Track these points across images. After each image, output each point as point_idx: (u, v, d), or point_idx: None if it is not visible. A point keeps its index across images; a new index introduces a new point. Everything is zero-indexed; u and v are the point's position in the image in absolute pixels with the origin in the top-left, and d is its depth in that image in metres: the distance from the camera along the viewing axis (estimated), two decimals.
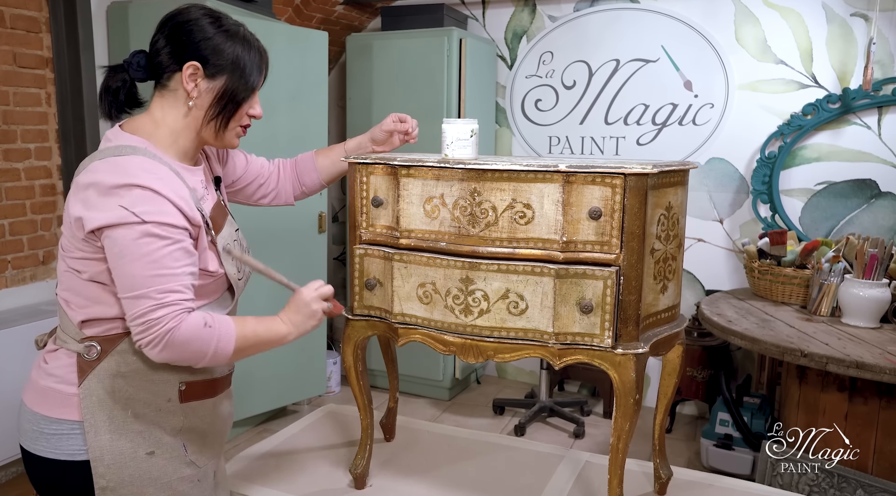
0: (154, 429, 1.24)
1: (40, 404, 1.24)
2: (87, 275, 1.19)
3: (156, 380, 1.24)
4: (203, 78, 1.22)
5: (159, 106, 1.26)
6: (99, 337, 1.21)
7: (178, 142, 1.27)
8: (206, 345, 1.17)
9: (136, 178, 1.13)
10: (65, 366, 1.22)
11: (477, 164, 1.35)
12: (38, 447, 1.23)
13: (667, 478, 1.59)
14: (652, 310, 1.39)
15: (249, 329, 1.24)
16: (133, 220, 1.11)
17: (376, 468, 1.68)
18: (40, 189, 2.86)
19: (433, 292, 1.43)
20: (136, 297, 1.13)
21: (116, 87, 1.27)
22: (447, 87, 3.54)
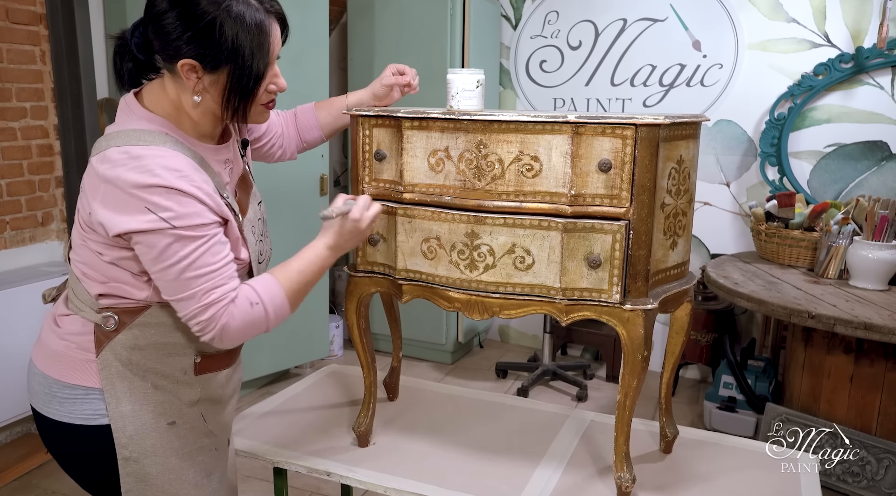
0: (173, 399, 1.22)
1: (52, 367, 1.21)
2: (108, 258, 1.14)
3: (172, 353, 1.21)
4: (204, 72, 1.12)
5: (172, 86, 1.16)
6: (117, 308, 1.17)
7: (198, 127, 1.20)
8: (261, 321, 1.17)
9: (158, 177, 1.06)
10: (80, 334, 1.19)
11: (483, 115, 1.31)
12: (50, 410, 1.21)
13: (673, 437, 1.58)
14: (661, 267, 1.36)
15: (296, 280, 1.22)
16: (163, 227, 1.06)
17: (379, 427, 1.67)
18: (37, 149, 2.82)
19: (437, 247, 1.40)
20: (182, 300, 1.11)
21: (125, 59, 1.17)
22: (450, 48, 3.47)
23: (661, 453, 1.59)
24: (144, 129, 1.12)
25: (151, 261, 1.09)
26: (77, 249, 1.18)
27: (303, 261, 1.25)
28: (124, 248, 1.12)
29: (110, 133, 1.12)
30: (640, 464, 1.53)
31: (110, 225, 1.07)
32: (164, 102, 1.16)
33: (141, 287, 1.16)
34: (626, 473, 1.37)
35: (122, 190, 1.06)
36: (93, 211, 1.09)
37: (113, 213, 1.07)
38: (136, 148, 1.08)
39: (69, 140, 2.86)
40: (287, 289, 1.20)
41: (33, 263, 2.85)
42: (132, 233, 1.07)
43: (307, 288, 1.25)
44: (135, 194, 1.05)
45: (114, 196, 1.07)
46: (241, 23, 1.11)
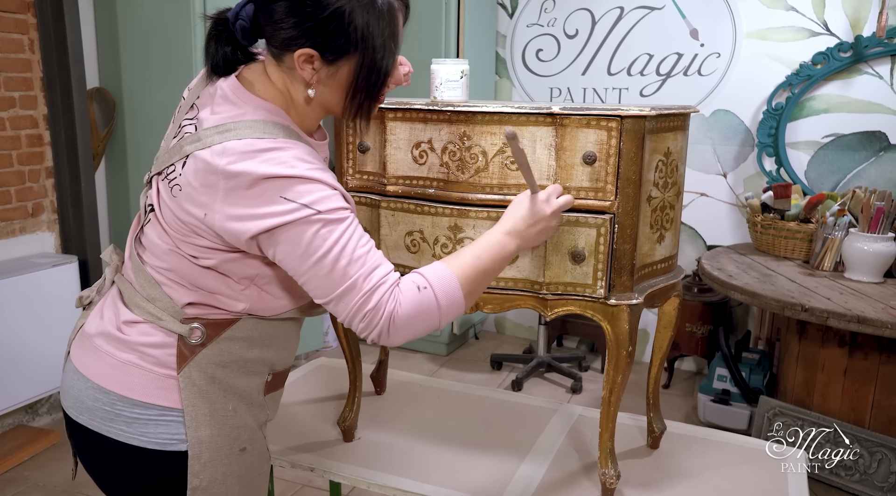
0: (248, 423, 1.11)
1: (117, 382, 1.06)
2: (206, 264, 1.02)
3: (251, 371, 1.11)
4: (322, 64, 1.00)
5: (279, 75, 1.04)
6: (206, 319, 1.05)
7: (304, 121, 1.09)
8: (432, 310, 1.01)
9: (294, 168, 0.96)
10: (159, 347, 1.05)
11: (467, 106, 1.28)
12: (114, 430, 1.06)
13: (660, 432, 1.57)
14: (648, 261, 1.34)
15: (469, 265, 1.06)
16: (307, 214, 0.95)
17: (365, 421, 1.66)
18: (26, 139, 2.79)
19: (421, 241, 1.38)
20: (343, 295, 0.98)
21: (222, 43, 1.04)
22: (445, 37, 3.43)
23: (648, 448, 1.58)
24: (267, 120, 1.01)
25: (299, 259, 0.97)
26: (160, 255, 1.05)
27: (478, 246, 1.10)
28: (233, 250, 1.01)
29: (221, 124, 0.99)
30: (627, 459, 1.52)
31: (243, 226, 0.96)
32: (273, 91, 1.05)
33: (238, 297, 1.06)
34: (611, 469, 1.35)
35: (251, 184, 0.94)
36: (210, 211, 0.97)
37: (246, 209, 0.95)
38: (263, 141, 0.97)
39: (59, 130, 2.84)
40: (460, 275, 1.04)
41: (23, 254, 2.83)
42: (274, 229, 0.95)
43: (484, 278, 1.08)
44: (266, 187, 0.95)
45: (242, 192, 0.95)
46: (372, 9, 0.98)
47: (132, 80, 3.00)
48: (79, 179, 2.86)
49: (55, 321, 2.72)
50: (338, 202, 0.99)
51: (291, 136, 1.01)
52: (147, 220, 1.08)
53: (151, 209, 1.07)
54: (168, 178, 1.02)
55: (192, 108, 1.07)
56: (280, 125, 1.01)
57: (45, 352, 2.68)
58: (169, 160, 1.03)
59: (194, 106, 1.07)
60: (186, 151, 1.00)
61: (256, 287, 1.06)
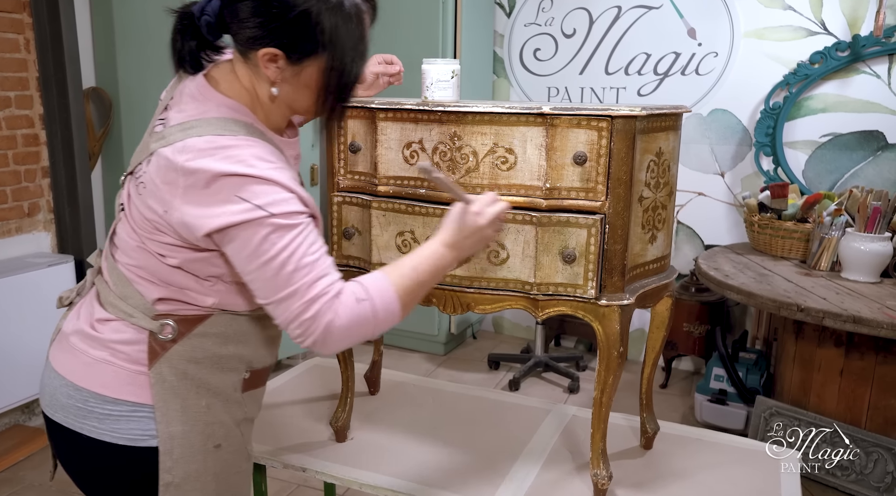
0: (223, 419, 1.11)
1: (90, 379, 1.07)
2: (173, 262, 1.03)
3: (226, 368, 1.11)
4: (287, 63, 1.00)
5: (245, 72, 1.04)
6: (176, 315, 1.06)
7: (270, 119, 1.09)
8: (368, 320, 1.02)
9: (252, 167, 0.96)
10: (130, 343, 1.06)
11: (457, 106, 1.28)
12: (85, 426, 1.07)
13: (653, 433, 1.56)
14: (639, 261, 1.34)
15: (408, 277, 1.07)
16: (260, 215, 0.95)
17: (358, 421, 1.66)
18: (22, 139, 2.79)
19: (412, 241, 1.38)
20: (284, 299, 0.98)
21: (188, 38, 1.04)
22: (442, 36, 3.43)
23: (641, 449, 1.58)
24: (228, 118, 1.01)
25: (247, 259, 0.98)
26: (130, 252, 1.06)
27: (416, 258, 1.10)
28: (197, 249, 1.01)
29: (185, 121, 1.00)
30: (620, 459, 1.51)
31: (198, 223, 0.96)
32: (239, 88, 1.05)
33: (207, 292, 1.06)
34: (603, 470, 1.35)
35: (208, 182, 0.95)
36: (170, 208, 0.98)
37: (201, 208, 0.96)
38: (223, 138, 0.98)
39: (55, 130, 2.84)
40: (398, 286, 1.05)
41: (19, 254, 2.83)
42: (227, 228, 0.96)
43: (421, 289, 1.10)
44: (223, 185, 0.95)
45: (197, 189, 0.96)
46: (340, 12, 0.98)
47: (129, 79, 3.00)
48: (75, 179, 2.86)
49: (51, 321, 2.69)
50: (293, 206, 0.99)
51: (254, 134, 1.01)
52: (119, 219, 1.10)
53: (122, 208, 1.08)
54: (135, 176, 1.04)
55: (165, 109, 1.08)
56: (242, 123, 1.02)
57: (41, 352, 2.64)
58: (138, 159, 1.05)
59: (167, 107, 1.08)
60: (151, 149, 1.01)
61: (224, 283, 1.06)
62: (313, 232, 1.01)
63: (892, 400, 2.36)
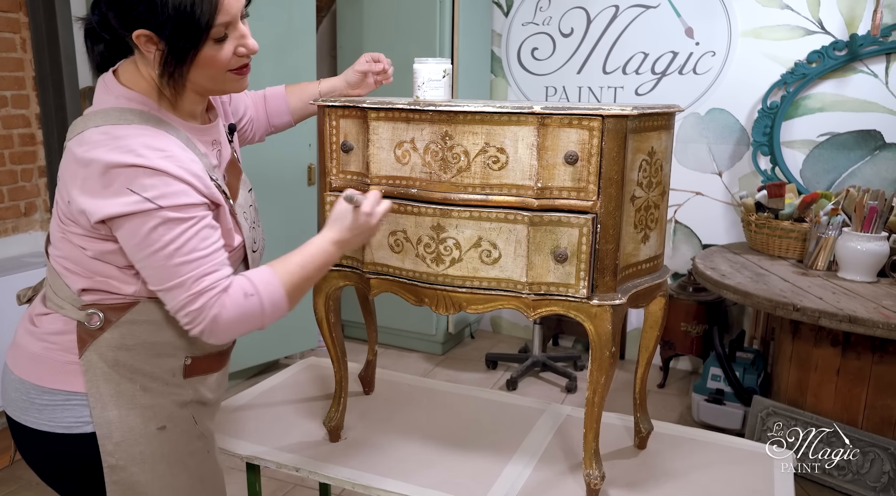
0: (163, 402, 1.13)
1: (30, 372, 1.12)
2: (91, 253, 1.06)
3: (161, 354, 1.13)
4: (162, 40, 1.02)
5: (142, 62, 1.08)
6: (102, 304, 1.09)
7: (178, 105, 1.11)
8: (256, 315, 1.07)
9: (142, 157, 0.98)
10: (61, 333, 1.10)
11: (448, 105, 1.28)
12: (28, 418, 1.11)
13: (647, 433, 1.56)
14: (632, 261, 1.33)
15: (295, 274, 1.12)
16: (148, 207, 0.98)
17: (353, 421, 1.66)
18: (19, 138, 2.79)
19: (404, 240, 1.37)
20: (170, 289, 1.02)
21: (96, 41, 1.10)
22: (439, 35, 3.43)
23: (635, 449, 1.57)
24: (125, 108, 1.05)
25: (136, 248, 1.01)
26: (57, 244, 1.10)
27: (305, 254, 1.15)
28: (108, 239, 1.04)
29: (88, 113, 1.05)
30: (613, 459, 1.51)
31: (91, 211, 0.99)
32: (140, 80, 1.08)
33: (128, 281, 1.08)
34: (595, 470, 1.35)
35: (102, 172, 0.98)
36: (72, 199, 1.02)
37: (93, 197, 0.99)
38: (117, 128, 1.01)
39: (52, 129, 2.84)
40: (286, 282, 1.10)
41: (16, 254, 2.83)
42: (114, 217, 0.99)
43: (308, 284, 1.15)
44: (115, 176, 0.98)
45: (93, 179, 0.99)
46: None
47: None
48: None
49: None
50: (186, 198, 1.01)
51: (148, 122, 1.04)
52: (52, 215, 1.14)
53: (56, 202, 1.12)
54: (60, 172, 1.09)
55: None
56: (137, 111, 1.05)
57: None
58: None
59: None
60: (66, 144, 1.05)
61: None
62: (206, 226, 1.04)
63: (888, 399, 2.35)
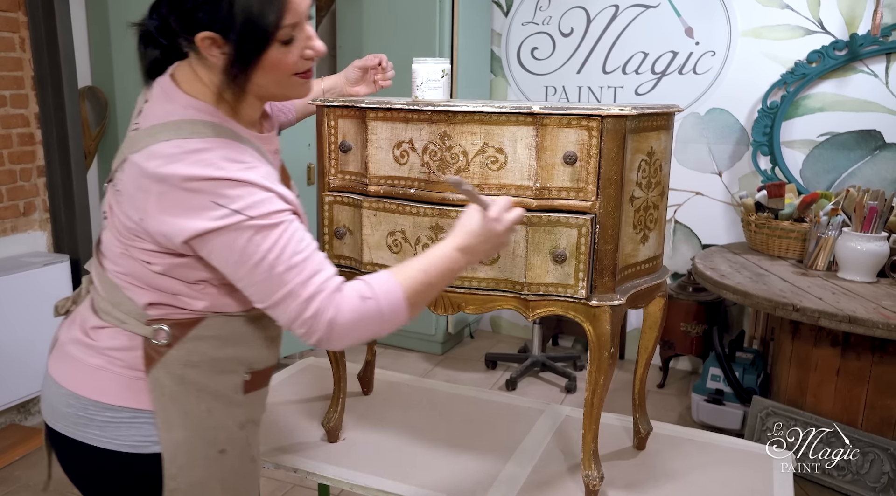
0: (226, 423, 1.09)
1: (88, 386, 1.05)
2: (158, 268, 1.01)
3: (224, 370, 1.09)
4: (226, 43, 0.96)
5: (201, 68, 1.02)
6: (169, 320, 1.04)
7: (240, 112, 1.05)
8: (374, 319, 1.00)
9: (223, 169, 0.94)
10: (125, 349, 1.04)
11: (447, 105, 1.27)
12: (87, 435, 1.05)
13: (646, 433, 1.56)
14: (631, 261, 1.33)
15: (417, 279, 1.04)
16: (238, 220, 0.93)
17: (351, 421, 1.65)
18: (18, 138, 2.79)
19: (402, 240, 1.37)
20: (280, 301, 0.97)
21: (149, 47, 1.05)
22: (439, 35, 3.42)
23: (634, 449, 1.57)
24: (196, 120, 0.99)
25: (234, 265, 0.96)
26: (116, 260, 1.04)
27: (427, 259, 1.06)
28: (177, 254, 0.99)
29: (155, 126, 0.98)
30: (612, 460, 1.51)
31: (174, 231, 0.94)
32: (201, 86, 1.02)
33: (197, 296, 1.04)
34: (594, 471, 1.34)
35: (182, 187, 0.93)
36: (145, 216, 0.96)
37: (175, 216, 0.94)
38: (191, 141, 0.95)
39: (51, 129, 2.83)
40: (406, 287, 1.02)
41: (14, 254, 2.83)
42: (204, 234, 0.94)
43: (430, 291, 1.06)
44: (198, 190, 0.93)
45: (172, 196, 0.93)
46: None
47: (124, 78, 3.00)
48: (70, 178, 2.86)
49: (47, 320, 2.69)
50: (272, 205, 0.96)
51: (222, 134, 0.99)
52: (103, 227, 1.09)
53: (105, 216, 1.07)
54: (114, 184, 1.03)
55: (139, 113, 1.07)
56: (209, 123, 0.99)
57: (37, 351, 2.67)
58: (114, 166, 1.04)
59: (141, 111, 1.06)
60: (124, 155, 1.00)
61: (213, 286, 1.05)
62: (299, 228, 0.99)
63: (888, 400, 2.35)
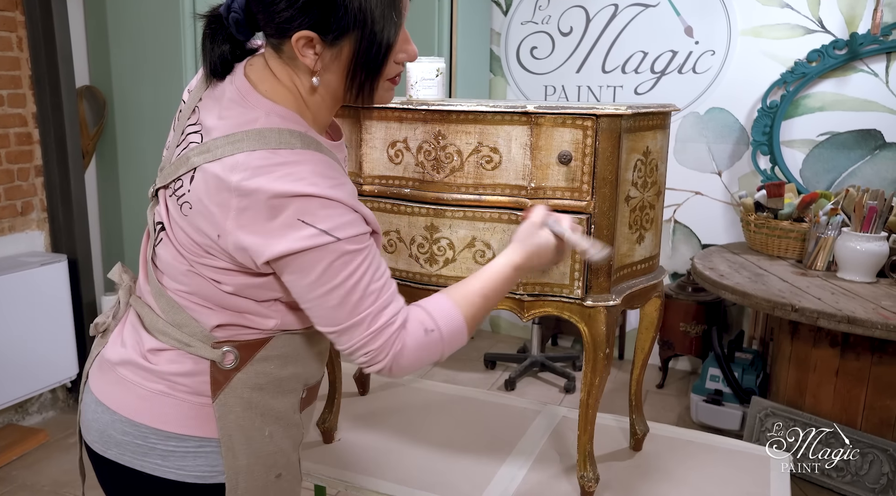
0: (284, 447, 1.04)
1: (147, 414, 0.99)
2: (230, 289, 0.95)
3: (286, 390, 1.04)
4: (324, 46, 0.91)
5: (281, 69, 0.95)
6: (237, 341, 0.98)
7: (319, 118, 0.99)
8: (436, 350, 0.98)
9: (314, 186, 0.87)
10: (190, 374, 0.98)
11: (441, 105, 1.27)
12: (148, 465, 0.99)
13: (642, 434, 1.55)
14: (626, 261, 1.32)
15: (476, 305, 1.02)
16: (326, 241, 0.87)
17: (347, 422, 1.65)
18: (15, 137, 2.78)
19: (397, 240, 1.36)
20: (347, 329, 0.93)
21: (219, 41, 0.97)
22: (438, 34, 3.41)
23: (630, 450, 1.56)
24: (282, 129, 0.91)
25: (308, 287, 0.90)
26: (179, 277, 0.97)
27: (485, 280, 1.04)
28: (254, 274, 0.93)
29: (232, 133, 0.90)
30: (608, 461, 1.50)
31: (257, 249, 0.88)
32: (283, 90, 0.95)
33: (269, 314, 0.98)
34: (590, 472, 1.34)
35: (269, 204, 0.86)
36: (223, 232, 0.89)
37: (258, 234, 0.87)
38: (279, 152, 0.88)
39: (48, 128, 2.83)
40: (466, 314, 0.99)
41: (12, 253, 2.83)
42: (289, 255, 0.88)
43: (486, 312, 1.04)
44: (284, 206, 0.86)
45: (256, 212, 0.87)
46: None
47: (122, 78, 2.99)
48: (68, 178, 2.85)
49: (45, 320, 2.71)
50: (359, 227, 0.91)
51: (310, 146, 0.92)
52: (159, 240, 0.99)
53: (162, 227, 0.98)
54: (176, 193, 0.95)
55: (193, 112, 0.99)
56: (297, 133, 0.92)
57: (35, 351, 2.67)
58: (175, 173, 0.95)
59: (196, 109, 0.98)
60: (194, 164, 0.91)
61: (282, 303, 0.99)
62: (377, 254, 0.95)
63: (887, 400, 2.34)
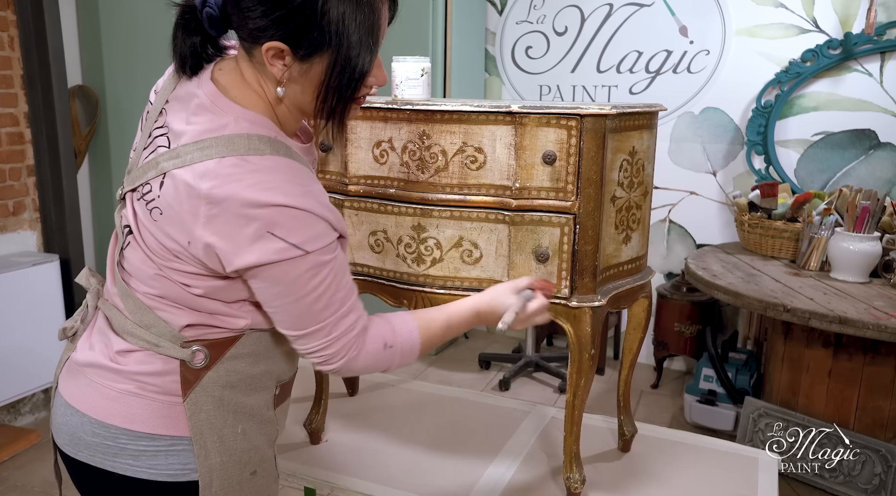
0: (258, 444, 1.04)
1: (117, 414, 0.98)
2: (199, 291, 0.95)
3: (258, 387, 1.03)
4: (294, 60, 0.90)
5: (251, 72, 0.94)
6: (206, 340, 0.98)
7: (286, 124, 0.98)
8: (385, 364, 1.03)
9: (285, 195, 0.87)
10: (160, 374, 0.98)
11: (425, 104, 1.26)
12: (119, 465, 0.98)
13: (630, 435, 1.54)
14: (613, 262, 1.32)
15: (436, 334, 1.07)
16: (295, 255, 0.88)
17: (335, 423, 1.64)
18: (6, 137, 2.78)
19: (384, 240, 1.36)
20: (307, 334, 0.95)
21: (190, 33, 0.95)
22: (432, 34, 3.40)
23: (618, 451, 1.56)
24: (252, 134, 0.90)
25: (275, 295, 0.92)
26: (147, 281, 0.96)
27: (449, 314, 1.09)
28: (222, 278, 0.93)
29: (202, 139, 0.89)
30: (596, 462, 1.50)
31: (228, 258, 0.88)
32: (253, 96, 0.94)
33: (239, 315, 0.98)
34: (576, 474, 1.33)
35: (239, 213, 0.86)
36: (193, 239, 0.89)
37: (230, 242, 0.87)
38: (250, 158, 0.87)
39: (40, 128, 2.82)
40: (424, 341, 1.05)
41: (5, 253, 2.82)
42: (259, 266, 0.88)
43: (441, 342, 1.09)
44: (255, 217, 0.86)
45: (224, 219, 0.86)
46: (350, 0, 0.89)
47: (115, 77, 2.98)
48: (60, 178, 2.85)
49: (37, 320, 2.70)
50: (327, 237, 0.91)
51: (279, 151, 0.91)
52: (126, 243, 0.98)
53: (129, 231, 0.97)
54: (145, 197, 0.93)
55: (161, 114, 0.98)
56: (266, 138, 0.91)
57: (27, 351, 2.67)
58: (143, 176, 0.94)
59: (164, 111, 0.97)
60: (163, 169, 0.90)
61: (251, 303, 0.99)
62: (344, 260, 0.96)
63: (880, 401, 2.34)
